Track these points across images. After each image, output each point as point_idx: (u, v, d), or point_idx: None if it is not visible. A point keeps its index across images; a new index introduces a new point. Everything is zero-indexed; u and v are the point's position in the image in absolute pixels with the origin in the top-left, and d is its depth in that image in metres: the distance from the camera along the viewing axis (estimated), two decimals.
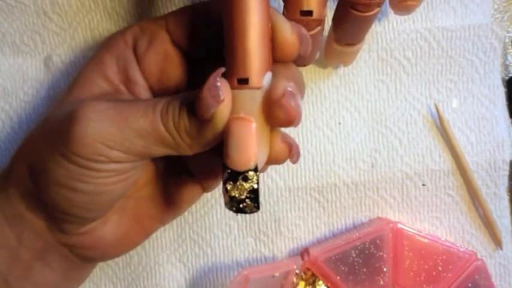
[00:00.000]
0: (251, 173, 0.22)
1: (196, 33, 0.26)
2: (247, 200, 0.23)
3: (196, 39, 0.26)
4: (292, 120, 0.22)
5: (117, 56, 0.27)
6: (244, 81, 0.22)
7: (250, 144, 0.22)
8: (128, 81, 0.27)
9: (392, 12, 0.31)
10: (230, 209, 0.23)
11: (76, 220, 0.26)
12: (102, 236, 0.27)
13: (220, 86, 0.21)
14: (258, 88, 0.22)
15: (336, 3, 0.27)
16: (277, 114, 0.22)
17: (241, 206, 0.23)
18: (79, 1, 0.34)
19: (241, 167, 0.22)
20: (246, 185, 0.22)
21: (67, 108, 0.24)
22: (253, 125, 0.22)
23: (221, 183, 0.24)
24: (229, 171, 0.22)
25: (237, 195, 0.23)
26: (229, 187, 0.22)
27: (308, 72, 0.35)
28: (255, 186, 0.22)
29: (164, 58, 0.27)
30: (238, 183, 0.22)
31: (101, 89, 0.26)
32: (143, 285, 0.35)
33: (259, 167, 0.23)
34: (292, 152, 0.24)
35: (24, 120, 0.35)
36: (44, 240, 0.27)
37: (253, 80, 0.22)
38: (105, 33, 0.35)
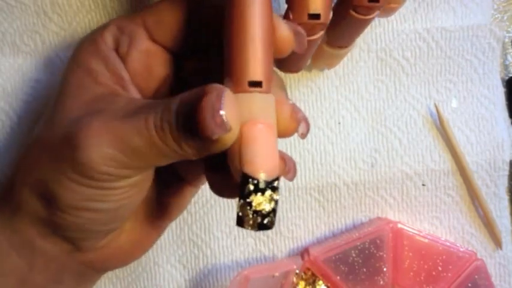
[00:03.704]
0: (277, 182, 0.20)
1: (176, 28, 0.25)
2: (271, 214, 0.20)
3: (177, 35, 0.25)
4: (305, 133, 0.22)
5: (104, 60, 0.25)
6: (257, 84, 0.21)
7: (275, 150, 0.20)
8: (121, 80, 0.26)
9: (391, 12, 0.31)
10: (251, 226, 0.20)
11: (95, 235, 0.25)
12: (118, 246, 0.27)
13: (226, 113, 0.19)
14: (268, 93, 0.21)
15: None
16: (293, 127, 0.22)
17: (265, 221, 0.20)
18: (79, 1, 0.34)
19: (270, 175, 0.20)
20: (275, 196, 0.20)
21: (62, 130, 0.23)
22: (275, 131, 0.21)
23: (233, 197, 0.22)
24: (256, 181, 0.20)
25: (266, 209, 0.20)
26: (255, 200, 0.20)
27: (308, 72, 0.35)
28: (279, 196, 0.20)
29: (147, 56, 0.26)
30: (266, 194, 0.20)
31: (96, 94, 0.25)
32: (143, 286, 0.35)
33: None
34: (287, 169, 0.23)
35: (24, 121, 0.35)
36: (58, 262, 0.26)
37: (266, 83, 0.21)
38: None
